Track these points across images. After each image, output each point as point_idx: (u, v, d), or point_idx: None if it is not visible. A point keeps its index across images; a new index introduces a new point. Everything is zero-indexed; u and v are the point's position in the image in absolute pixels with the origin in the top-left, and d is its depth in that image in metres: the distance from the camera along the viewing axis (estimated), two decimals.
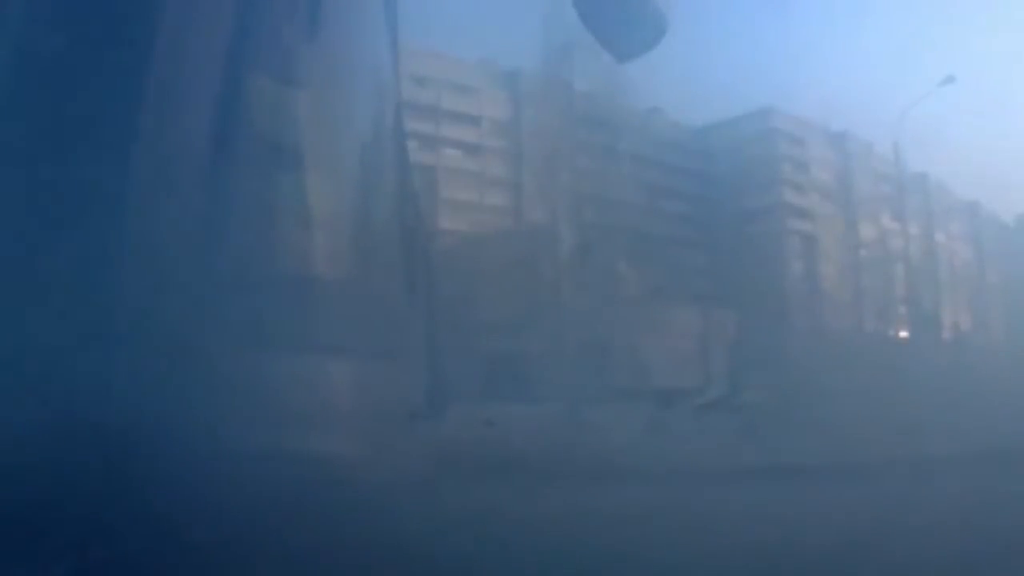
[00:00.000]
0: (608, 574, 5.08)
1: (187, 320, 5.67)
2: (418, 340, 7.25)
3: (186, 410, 5.39)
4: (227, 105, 6.35)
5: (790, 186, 17.83)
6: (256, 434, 5.59)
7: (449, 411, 7.12)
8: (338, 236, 6.82)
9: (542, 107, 15.57)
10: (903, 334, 18.31)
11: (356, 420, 6.21)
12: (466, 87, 15.43)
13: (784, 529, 5.66)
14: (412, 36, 8.40)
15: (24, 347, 5.19)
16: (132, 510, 4.68)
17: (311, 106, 6.76)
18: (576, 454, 7.02)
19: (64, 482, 4.71)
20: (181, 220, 6.03)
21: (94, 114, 5.80)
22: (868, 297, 18.41)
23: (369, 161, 7.39)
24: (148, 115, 6.04)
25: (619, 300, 13.50)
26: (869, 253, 18.35)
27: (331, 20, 6.96)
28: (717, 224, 16.71)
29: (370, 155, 7.39)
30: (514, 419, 7.69)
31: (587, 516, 5.75)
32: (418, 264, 7.48)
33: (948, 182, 18.87)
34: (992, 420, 8.77)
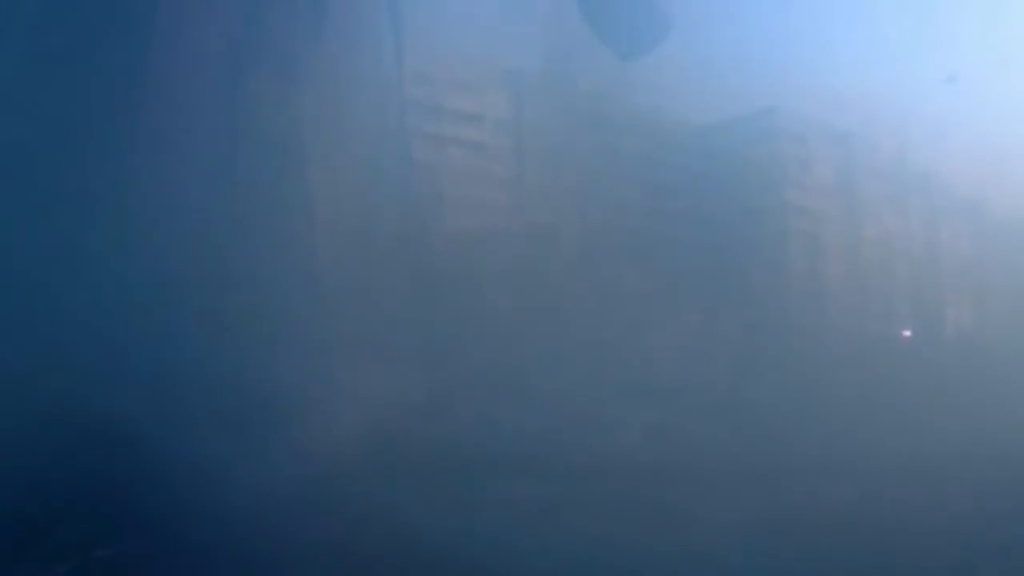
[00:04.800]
0: (608, 571, 5.09)
1: (189, 319, 5.69)
2: (420, 339, 7.26)
3: (188, 409, 5.41)
4: (230, 104, 6.35)
5: (794, 185, 17.77)
6: (258, 434, 5.61)
7: (450, 410, 7.12)
8: (340, 234, 6.82)
9: (544, 106, 15.52)
10: (906, 333, 18.23)
11: (357, 419, 6.22)
12: (468, 85, 15.37)
13: (783, 527, 5.67)
14: (415, 34, 8.39)
15: (27, 347, 5.21)
16: (135, 510, 4.70)
17: (314, 104, 6.76)
18: (578, 453, 7.02)
19: (68, 482, 4.73)
20: (184, 219, 6.04)
21: (98, 113, 5.80)
22: (871, 297, 18.32)
23: (372, 160, 7.39)
24: (152, 114, 6.05)
25: (621, 299, 13.40)
26: (873, 252, 18.26)
27: (335, 18, 6.96)
28: (720, 224, 16.63)
29: (373, 154, 7.39)
30: (514, 418, 7.68)
31: (587, 514, 5.76)
32: (421, 262, 7.48)
33: (952, 181, 18.78)
34: (994, 420, 8.74)
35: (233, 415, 5.53)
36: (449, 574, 4.90)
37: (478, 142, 11.46)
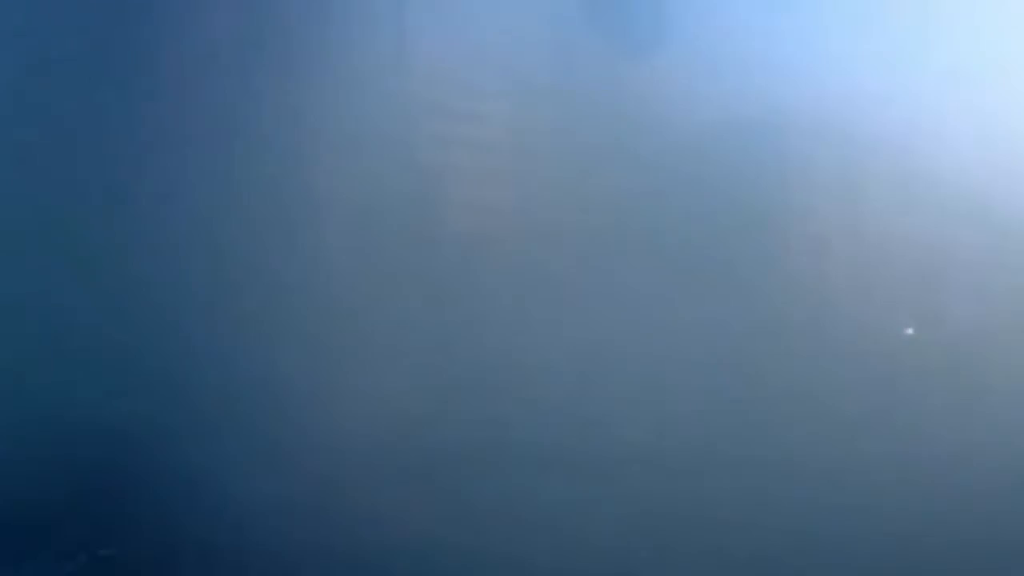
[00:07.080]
0: (611, 571, 5.12)
1: (192, 318, 5.73)
2: (426, 339, 7.29)
3: (193, 407, 5.45)
4: (232, 102, 6.38)
5: (796, 186, 17.73)
6: (259, 433, 5.64)
7: (456, 410, 7.15)
8: (343, 234, 6.85)
9: (545, 106, 15.52)
10: (908, 332, 18.17)
11: (362, 420, 6.25)
12: (469, 84, 15.34)
13: (785, 526, 5.70)
14: (417, 33, 8.43)
15: (29, 346, 5.24)
16: (141, 509, 4.73)
17: (318, 103, 6.79)
18: (578, 452, 7.05)
19: (73, 480, 4.76)
20: (185, 218, 6.08)
21: (97, 110, 5.84)
22: (873, 297, 18.26)
23: (375, 159, 7.42)
24: (151, 112, 6.08)
25: (621, 299, 13.36)
26: (875, 253, 18.20)
27: (340, 16, 6.99)
28: (723, 224, 16.57)
29: (376, 153, 7.42)
30: (514, 417, 7.70)
31: (589, 513, 5.79)
32: (426, 262, 7.51)
33: (955, 181, 18.71)
34: (996, 420, 8.76)
35: (238, 416, 5.57)
36: (454, 573, 4.93)
37: (479, 141, 11.50)
